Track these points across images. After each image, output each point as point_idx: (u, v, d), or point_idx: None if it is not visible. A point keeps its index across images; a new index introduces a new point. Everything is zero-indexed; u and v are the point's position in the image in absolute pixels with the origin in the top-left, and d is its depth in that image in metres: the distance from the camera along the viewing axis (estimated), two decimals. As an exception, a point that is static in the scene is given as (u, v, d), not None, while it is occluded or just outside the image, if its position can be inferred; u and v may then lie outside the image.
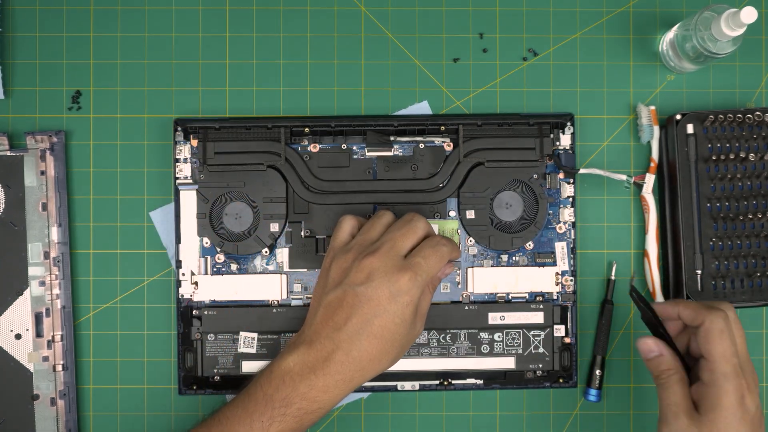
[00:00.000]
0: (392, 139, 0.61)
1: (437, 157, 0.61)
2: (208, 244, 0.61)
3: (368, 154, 0.61)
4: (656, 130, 0.61)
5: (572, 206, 0.61)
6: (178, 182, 0.60)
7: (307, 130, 0.60)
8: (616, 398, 0.63)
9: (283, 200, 0.60)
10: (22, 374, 0.60)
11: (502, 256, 0.61)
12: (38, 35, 0.62)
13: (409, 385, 0.61)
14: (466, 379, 0.61)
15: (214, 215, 0.60)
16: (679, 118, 0.60)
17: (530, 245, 0.61)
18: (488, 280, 0.61)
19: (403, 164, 0.61)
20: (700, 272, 0.59)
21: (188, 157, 0.60)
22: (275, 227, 0.60)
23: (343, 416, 0.63)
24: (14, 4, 0.62)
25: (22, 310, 0.60)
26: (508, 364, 0.61)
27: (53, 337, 0.60)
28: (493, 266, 0.61)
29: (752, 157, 0.59)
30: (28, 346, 0.60)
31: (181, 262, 0.60)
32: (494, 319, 0.61)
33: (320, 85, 0.63)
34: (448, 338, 0.61)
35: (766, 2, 0.64)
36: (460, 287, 0.61)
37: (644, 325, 0.55)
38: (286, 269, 0.61)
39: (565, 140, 0.61)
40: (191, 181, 0.60)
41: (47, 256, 0.60)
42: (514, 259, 0.61)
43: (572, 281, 0.61)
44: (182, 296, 0.60)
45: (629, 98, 0.63)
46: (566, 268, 0.61)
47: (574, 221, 0.61)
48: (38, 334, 0.60)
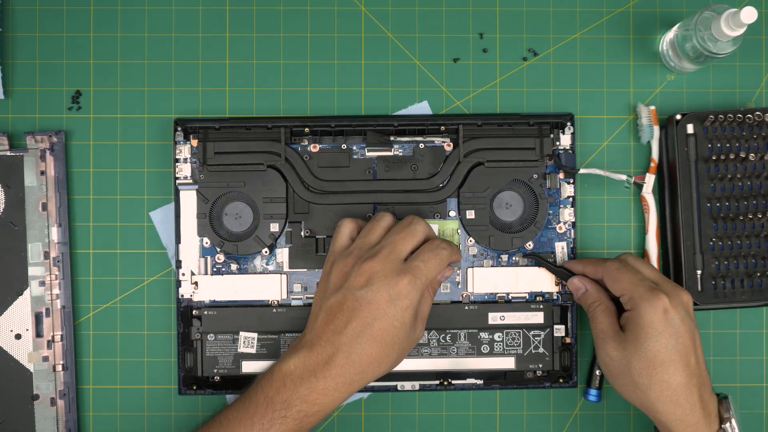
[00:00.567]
0: (392, 139, 0.61)
1: (437, 157, 0.61)
2: (208, 244, 0.61)
3: (368, 154, 0.61)
4: (656, 130, 0.61)
5: (572, 206, 0.61)
6: (178, 182, 0.60)
7: (307, 130, 0.60)
8: (616, 398, 0.63)
9: (283, 200, 0.60)
10: (22, 374, 0.60)
11: (502, 256, 0.61)
12: (38, 35, 0.62)
13: (409, 385, 0.61)
14: (466, 379, 0.61)
15: (214, 215, 0.60)
16: (679, 118, 0.60)
17: (530, 245, 0.61)
18: (488, 280, 0.61)
19: (403, 164, 0.61)
20: (700, 272, 0.59)
21: (188, 157, 0.60)
22: (275, 227, 0.60)
23: (343, 416, 0.63)
24: (14, 4, 0.62)
25: (22, 310, 0.60)
26: (508, 364, 0.61)
27: (53, 337, 0.60)
28: (493, 266, 0.61)
29: (752, 157, 0.59)
30: (28, 346, 0.60)
31: (181, 262, 0.60)
32: (494, 319, 0.61)
33: (320, 85, 0.63)
34: (448, 338, 0.61)
35: (766, 2, 0.64)
36: (460, 287, 0.61)
37: None
38: (286, 269, 0.61)
39: (565, 140, 0.61)
40: (191, 181, 0.60)
41: (47, 256, 0.60)
42: (514, 259, 0.61)
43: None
44: (182, 296, 0.60)
45: (629, 98, 0.63)
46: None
47: (574, 221, 0.61)
48: (38, 334, 0.60)
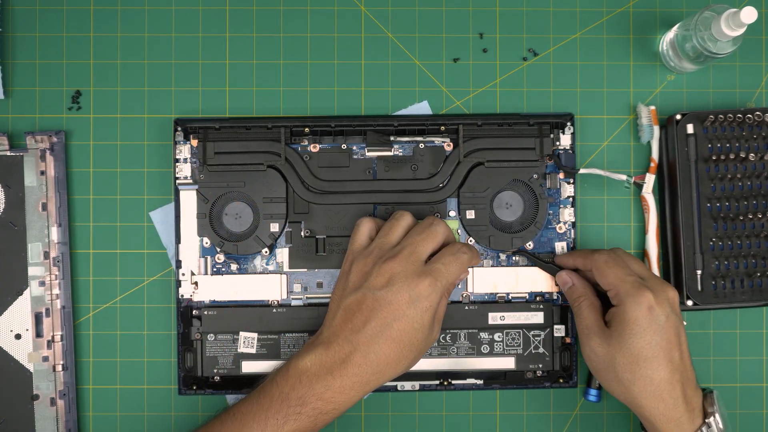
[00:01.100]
0: (392, 139, 0.61)
1: (437, 157, 0.61)
2: (208, 244, 0.61)
3: (368, 154, 0.61)
4: (656, 130, 0.61)
5: (572, 206, 0.61)
6: (178, 182, 0.60)
7: (307, 130, 0.60)
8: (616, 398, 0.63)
9: (283, 200, 0.60)
10: (21, 374, 0.60)
11: (501, 256, 0.61)
12: (38, 35, 0.62)
13: (409, 385, 0.61)
14: (466, 379, 0.61)
15: (214, 215, 0.60)
16: (679, 118, 0.60)
17: (530, 245, 0.61)
18: (488, 280, 0.61)
19: (403, 164, 0.61)
20: (700, 272, 0.59)
21: (188, 157, 0.60)
22: (275, 227, 0.60)
23: (343, 416, 0.62)
24: (14, 4, 0.62)
25: (22, 310, 0.60)
26: (508, 364, 0.61)
27: (53, 337, 0.60)
28: (493, 266, 0.61)
29: (752, 157, 0.59)
30: (28, 346, 0.60)
31: (181, 262, 0.60)
32: (494, 319, 0.61)
33: (320, 85, 0.63)
34: (448, 338, 0.61)
35: (766, 2, 0.64)
36: (460, 287, 0.61)
37: None
38: (286, 269, 0.61)
39: (565, 140, 0.61)
40: (191, 181, 0.60)
41: (47, 256, 0.60)
42: (514, 259, 0.61)
43: (572, 281, 0.61)
44: (182, 296, 0.60)
45: (629, 98, 0.63)
46: (566, 268, 0.61)
47: (574, 221, 0.61)
48: (38, 334, 0.60)
